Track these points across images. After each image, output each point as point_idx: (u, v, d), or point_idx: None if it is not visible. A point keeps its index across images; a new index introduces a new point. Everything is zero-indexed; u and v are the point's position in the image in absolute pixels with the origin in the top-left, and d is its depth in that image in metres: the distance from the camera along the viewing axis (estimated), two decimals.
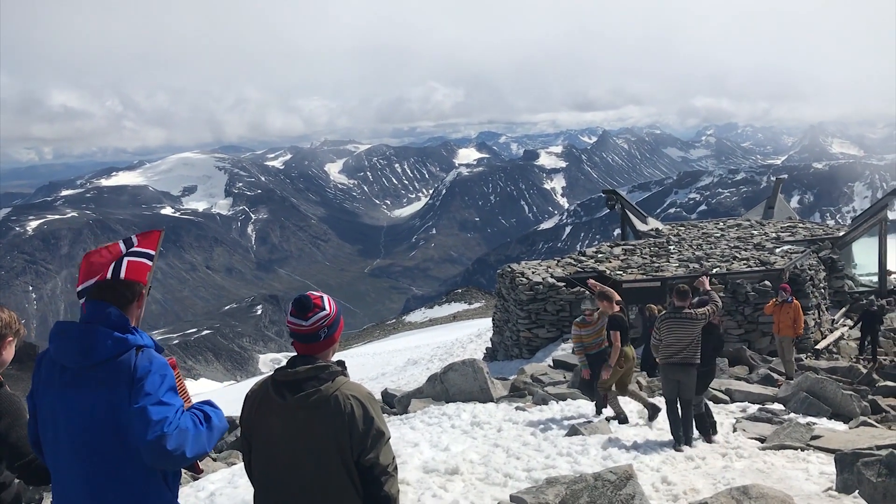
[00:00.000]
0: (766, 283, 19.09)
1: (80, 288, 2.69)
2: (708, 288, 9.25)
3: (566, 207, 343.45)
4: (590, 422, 9.26)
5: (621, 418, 9.63)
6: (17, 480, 3.10)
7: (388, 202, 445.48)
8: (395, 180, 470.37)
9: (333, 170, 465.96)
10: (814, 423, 9.22)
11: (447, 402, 12.01)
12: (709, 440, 8.49)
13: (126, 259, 2.72)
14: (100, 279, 2.66)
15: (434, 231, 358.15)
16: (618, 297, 9.76)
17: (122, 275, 2.67)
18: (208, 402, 2.84)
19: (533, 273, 21.53)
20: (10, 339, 3.14)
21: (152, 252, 2.83)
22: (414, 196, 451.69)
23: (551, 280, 20.70)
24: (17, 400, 3.05)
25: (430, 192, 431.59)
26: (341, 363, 2.94)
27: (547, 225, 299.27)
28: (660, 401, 9.86)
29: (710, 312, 8.58)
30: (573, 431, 8.74)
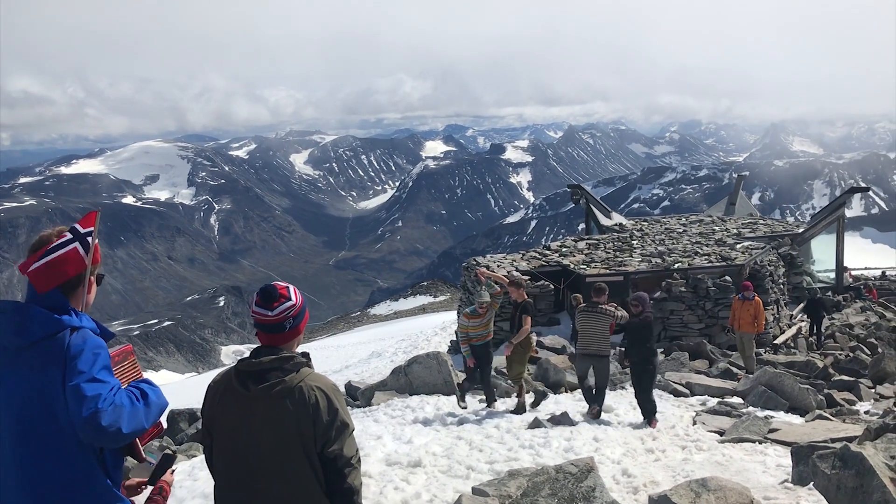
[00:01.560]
0: (727, 278, 19.38)
1: (27, 271, 2.63)
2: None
3: (532, 201, 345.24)
4: (552, 414, 9.31)
5: (519, 410, 9.77)
6: None
7: (354, 194, 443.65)
8: (361, 172, 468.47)
9: (299, 160, 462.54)
10: (771, 417, 9.39)
11: (411, 395, 12.01)
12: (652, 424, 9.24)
13: (68, 247, 2.67)
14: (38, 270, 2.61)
15: (400, 223, 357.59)
16: (524, 284, 10.19)
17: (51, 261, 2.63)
18: (146, 381, 2.80)
19: (498, 266, 21.60)
20: None
21: (90, 229, 2.76)
22: (380, 188, 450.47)
23: (516, 273, 20.77)
24: None
25: (397, 184, 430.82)
26: (306, 354, 2.91)
27: (513, 219, 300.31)
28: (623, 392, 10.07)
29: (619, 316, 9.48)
30: (535, 424, 8.79)
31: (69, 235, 2.68)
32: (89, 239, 2.71)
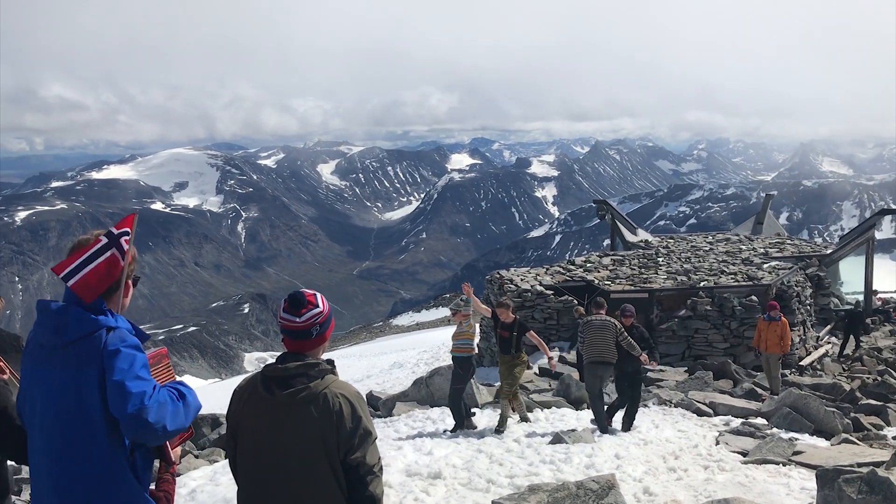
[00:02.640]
0: (753, 297, 19.19)
1: (62, 274, 2.67)
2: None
3: (556, 216, 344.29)
4: (574, 430, 9.27)
5: (499, 429, 9.50)
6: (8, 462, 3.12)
7: (380, 205, 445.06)
8: (387, 183, 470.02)
9: (326, 171, 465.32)
10: (796, 439, 9.27)
11: (432, 407, 12.02)
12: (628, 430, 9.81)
13: (107, 254, 2.71)
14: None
15: (424, 235, 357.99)
16: (511, 304, 9.94)
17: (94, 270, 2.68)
18: (180, 383, 2.85)
19: (521, 280, 21.57)
20: None
21: (125, 230, 2.80)
22: (405, 199, 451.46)
23: (539, 288, 20.74)
24: (1, 385, 3.05)
25: (422, 196, 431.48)
26: (331, 362, 2.93)
27: (537, 233, 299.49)
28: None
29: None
30: (557, 439, 8.75)
31: (105, 240, 2.72)
32: (123, 240, 2.75)
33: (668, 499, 6.57)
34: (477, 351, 10.01)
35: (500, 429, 9.43)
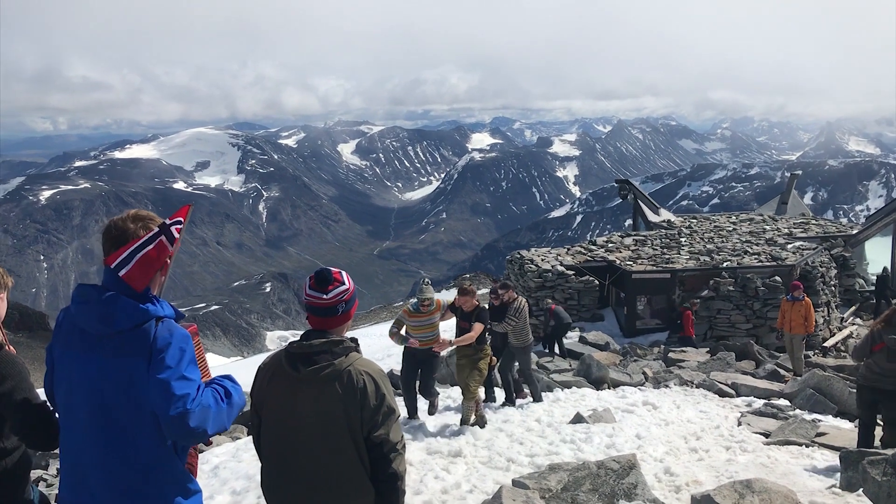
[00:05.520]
0: (777, 278, 19.04)
1: (114, 264, 2.63)
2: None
3: (578, 196, 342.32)
4: (594, 410, 9.26)
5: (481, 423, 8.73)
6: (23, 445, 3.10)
7: (400, 184, 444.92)
8: (407, 163, 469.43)
9: (346, 150, 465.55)
10: (819, 421, 9.20)
11: (452, 386, 12.06)
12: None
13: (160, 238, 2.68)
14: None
15: (444, 215, 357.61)
16: (474, 291, 8.81)
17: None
18: (228, 377, 2.83)
19: (542, 260, 21.53)
20: (1, 294, 3.13)
21: (178, 219, 2.79)
22: (426, 179, 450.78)
23: (560, 268, 20.69)
24: (19, 362, 3.02)
25: (442, 175, 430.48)
26: (354, 340, 2.94)
27: (558, 213, 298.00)
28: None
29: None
30: (577, 419, 8.75)
31: (156, 229, 2.69)
32: (174, 228, 2.73)
33: (689, 479, 6.56)
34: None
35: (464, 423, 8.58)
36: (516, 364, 10.16)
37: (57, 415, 2.82)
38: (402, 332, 8.53)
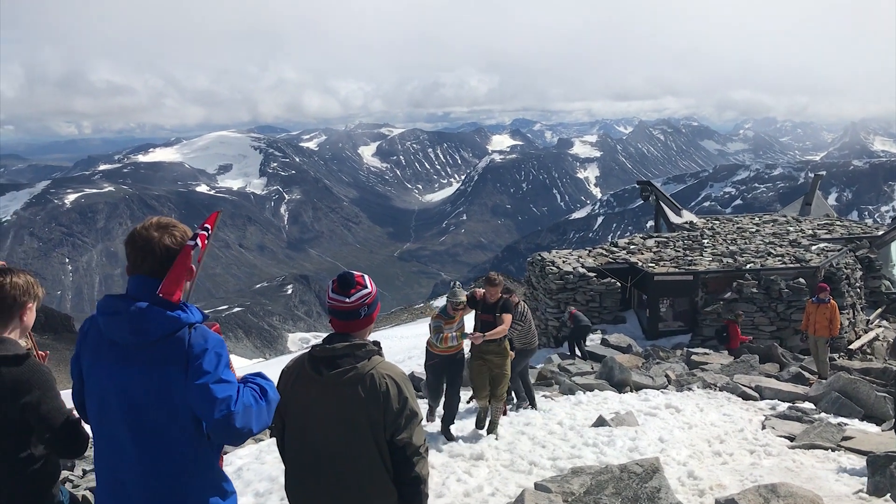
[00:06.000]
0: (801, 280, 18.84)
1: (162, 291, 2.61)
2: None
3: (599, 197, 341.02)
4: (617, 413, 9.21)
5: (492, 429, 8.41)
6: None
7: (420, 186, 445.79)
8: (427, 165, 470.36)
9: (367, 153, 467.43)
10: (845, 424, 9.09)
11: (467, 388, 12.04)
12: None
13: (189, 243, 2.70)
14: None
15: (465, 217, 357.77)
16: (500, 281, 8.49)
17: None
18: (259, 374, 2.83)
19: (563, 262, 21.45)
20: (31, 304, 3.13)
21: (206, 227, 2.81)
22: (446, 181, 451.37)
23: (582, 270, 20.61)
24: (45, 370, 3.00)
25: (463, 177, 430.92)
26: (377, 343, 2.96)
27: (579, 214, 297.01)
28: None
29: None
30: (600, 422, 8.71)
31: (190, 242, 2.69)
32: (200, 237, 2.73)
33: (713, 483, 6.51)
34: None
35: (493, 430, 8.35)
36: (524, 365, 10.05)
37: (86, 425, 2.83)
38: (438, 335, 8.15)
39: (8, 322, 3.05)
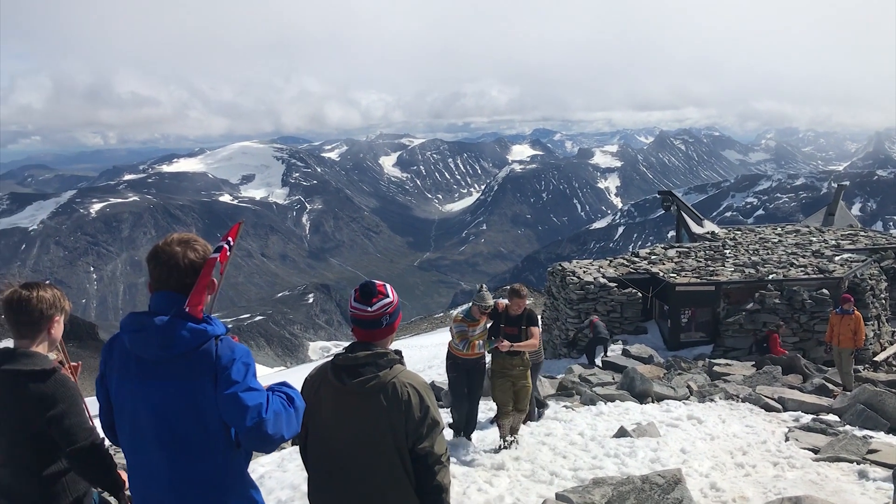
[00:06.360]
0: (824, 291, 18.66)
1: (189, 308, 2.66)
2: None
3: (620, 207, 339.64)
4: (639, 424, 9.16)
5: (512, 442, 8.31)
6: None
7: (440, 196, 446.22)
8: (447, 175, 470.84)
9: (388, 163, 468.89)
10: (871, 437, 8.98)
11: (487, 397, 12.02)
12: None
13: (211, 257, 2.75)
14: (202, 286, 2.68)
15: (485, 226, 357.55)
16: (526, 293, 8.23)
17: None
18: (284, 383, 2.86)
19: (584, 272, 21.39)
20: (58, 317, 3.19)
21: (230, 243, 2.86)
22: (466, 191, 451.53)
23: (603, 280, 20.54)
24: (73, 387, 3.07)
25: (483, 187, 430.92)
26: (399, 352, 2.98)
27: (599, 224, 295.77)
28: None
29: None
30: (621, 433, 8.67)
31: (213, 256, 2.75)
32: (223, 250, 2.79)
33: (735, 495, 6.46)
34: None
35: (514, 434, 8.33)
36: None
37: (112, 446, 2.86)
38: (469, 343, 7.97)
39: (36, 335, 3.13)
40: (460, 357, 8.10)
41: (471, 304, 8.17)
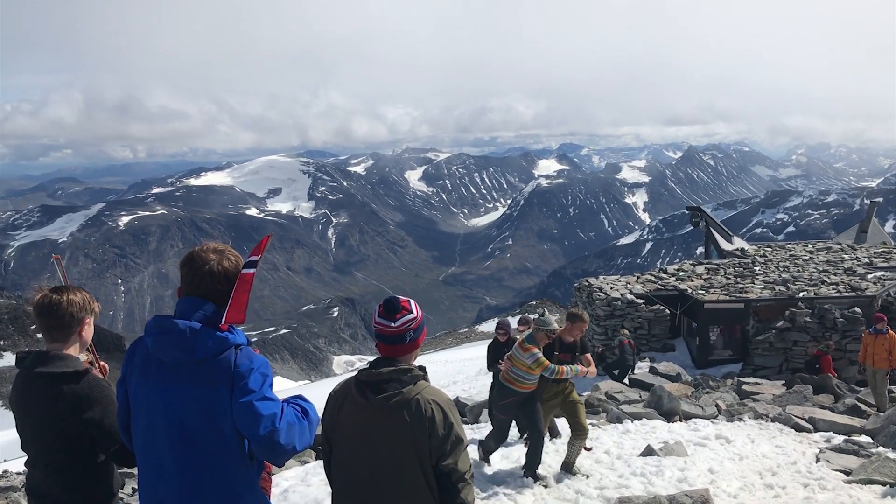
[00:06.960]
0: (857, 309, 18.36)
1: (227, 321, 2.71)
2: None
3: (647, 223, 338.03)
4: (666, 443, 9.03)
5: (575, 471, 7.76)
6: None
7: (466, 211, 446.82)
8: (473, 189, 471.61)
9: (413, 177, 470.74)
10: None
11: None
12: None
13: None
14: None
15: (510, 241, 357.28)
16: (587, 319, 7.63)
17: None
18: (299, 397, 2.90)
19: (611, 288, 21.25)
20: (88, 319, 3.26)
21: (257, 258, 2.90)
22: (492, 206, 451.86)
23: (630, 296, 20.38)
24: (107, 387, 3.14)
25: (509, 202, 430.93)
26: (422, 368, 2.97)
27: (627, 240, 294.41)
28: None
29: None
30: (648, 452, 8.56)
31: (247, 271, 2.80)
32: (255, 264, 2.83)
33: None
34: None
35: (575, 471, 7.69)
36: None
37: (128, 446, 2.90)
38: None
39: (67, 338, 3.20)
40: (518, 389, 7.25)
41: (528, 328, 7.74)
